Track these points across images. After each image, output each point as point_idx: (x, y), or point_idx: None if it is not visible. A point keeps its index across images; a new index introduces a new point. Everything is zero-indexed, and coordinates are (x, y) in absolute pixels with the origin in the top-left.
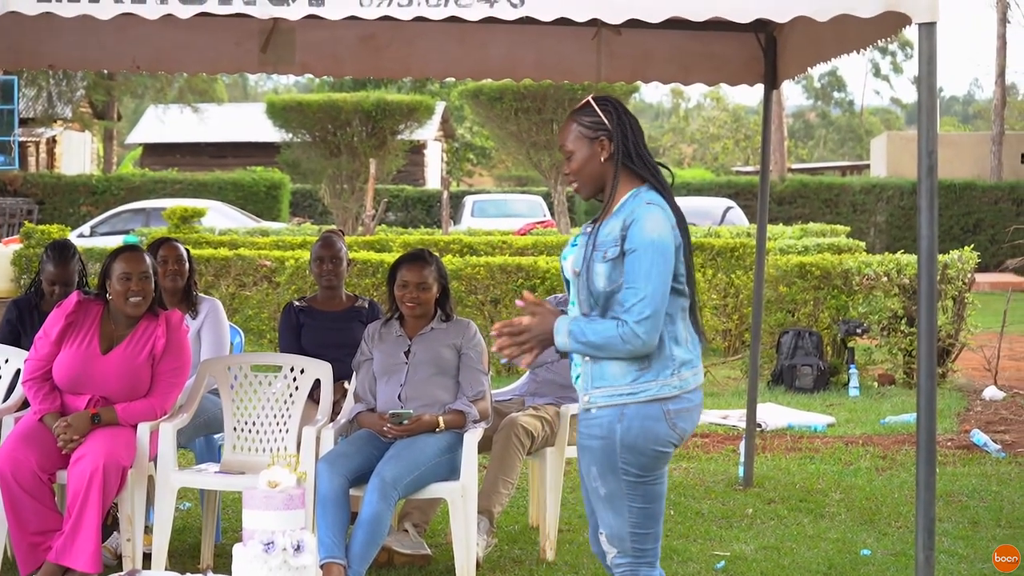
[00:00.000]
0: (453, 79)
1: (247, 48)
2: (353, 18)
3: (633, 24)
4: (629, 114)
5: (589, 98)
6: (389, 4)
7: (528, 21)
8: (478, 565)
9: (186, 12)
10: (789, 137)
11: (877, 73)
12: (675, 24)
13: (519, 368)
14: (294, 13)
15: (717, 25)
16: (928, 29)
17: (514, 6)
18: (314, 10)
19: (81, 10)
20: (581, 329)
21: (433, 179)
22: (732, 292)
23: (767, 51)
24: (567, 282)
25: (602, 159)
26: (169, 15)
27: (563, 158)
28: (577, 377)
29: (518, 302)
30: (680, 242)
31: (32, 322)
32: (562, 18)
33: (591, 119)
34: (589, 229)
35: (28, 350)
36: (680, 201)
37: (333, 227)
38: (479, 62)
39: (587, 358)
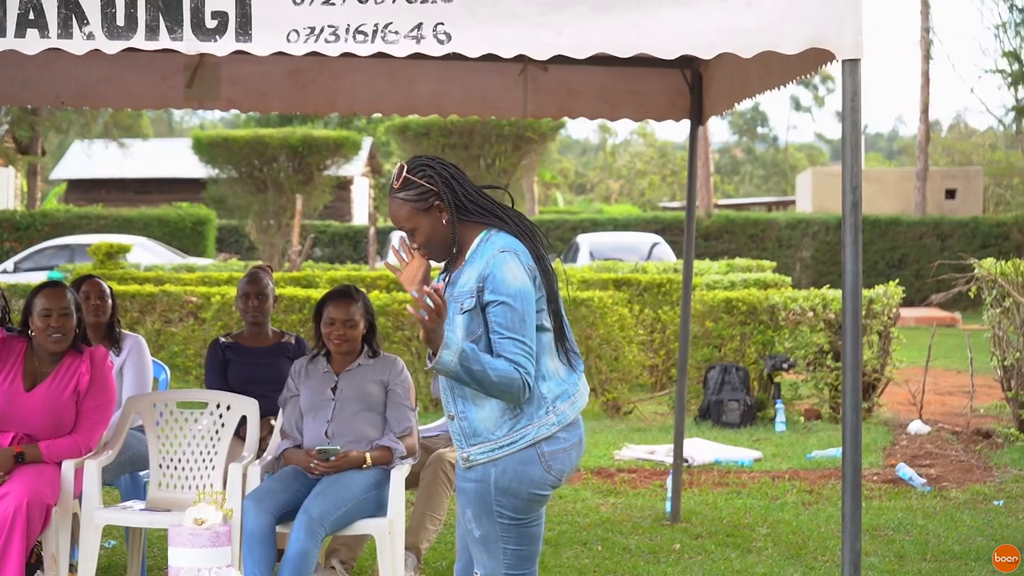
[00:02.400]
0: (380, 115)
1: (172, 83)
2: (280, 53)
3: (560, 60)
4: (447, 166)
5: (405, 173)
6: (316, 40)
7: (455, 57)
8: None
9: (113, 48)
10: (715, 172)
11: (798, 107)
12: (601, 60)
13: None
14: (221, 49)
15: (643, 61)
16: (852, 66)
17: (440, 42)
18: (241, 46)
19: (7, 45)
20: (478, 356)
21: (360, 215)
22: (659, 327)
23: (693, 87)
24: None
25: (444, 222)
26: (95, 50)
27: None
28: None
29: (426, 287)
30: (536, 275)
31: None
32: (489, 54)
33: (417, 191)
34: (445, 278)
35: None
36: (607, 236)
37: (260, 263)
38: (407, 98)
39: (457, 419)
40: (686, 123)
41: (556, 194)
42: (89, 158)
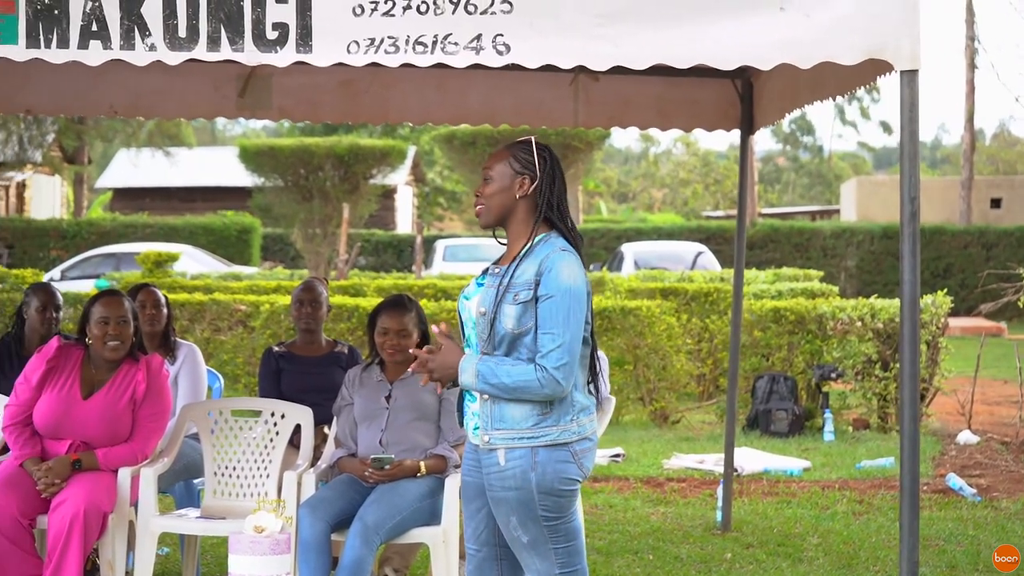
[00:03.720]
0: (431, 124)
1: (224, 93)
2: (335, 64)
3: (611, 71)
4: (560, 168)
5: (532, 138)
6: (376, 51)
7: (509, 68)
8: None
9: (175, 59)
10: (759, 181)
11: (844, 117)
12: (653, 71)
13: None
14: (282, 60)
15: (695, 71)
16: (910, 77)
17: (500, 53)
18: (301, 57)
19: (70, 56)
20: (492, 370)
21: (403, 223)
22: (706, 337)
23: (744, 97)
24: (462, 323)
25: (516, 195)
26: (157, 61)
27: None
28: (473, 415)
29: (433, 328)
30: (590, 290)
31: (11, 366)
32: (543, 64)
33: (525, 156)
34: (497, 270)
35: (6, 395)
36: (651, 245)
37: (314, 275)
38: (458, 108)
39: (486, 398)
40: (727, 132)
41: (599, 203)
42: (134, 167)
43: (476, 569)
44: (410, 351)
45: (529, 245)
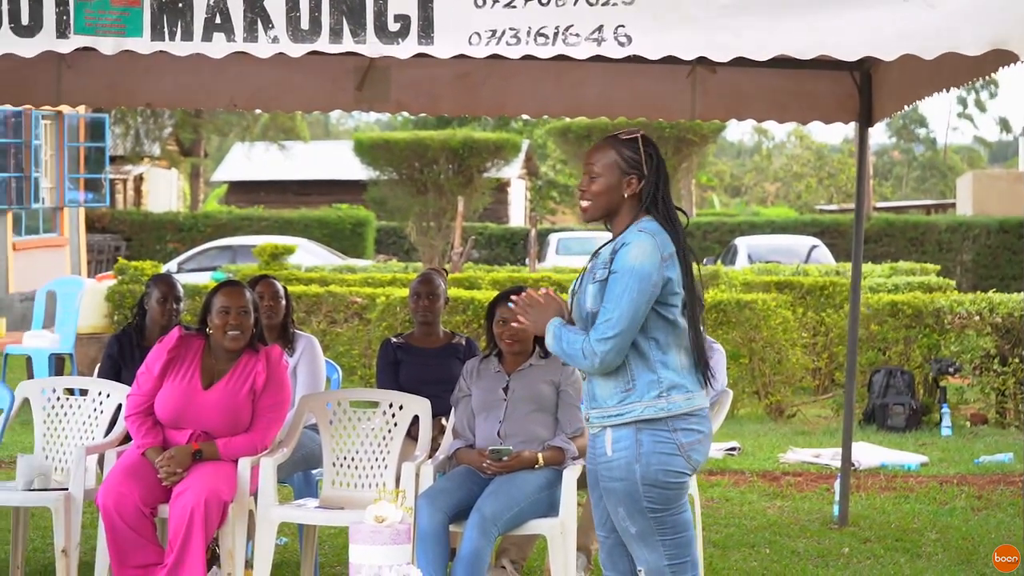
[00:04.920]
0: (543, 117)
1: (342, 86)
2: (454, 56)
3: (729, 63)
4: (663, 163)
5: (639, 134)
6: (498, 43)
7: (630, 59)
8: None
9: (297, 51)
10: (872, 175)
11: (963, 112)
12: (771, 63)
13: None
14: (404, 52)
15: (813, 63)
16: None
17: (622, 45)
18: (423, 49)
19: (194, 49)
20: (560, 334)
21: (516, 217)
22: (822, 330)
23: (862, 89)
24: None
25: (624, 194)
26: (280, 54)
27: (585, 173)
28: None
29: (542, 289)
30: (672, 275)
31: (133, 357)
32: (665, 57)
33: (632, 155)
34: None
35: (129, 384)
36: (765, 239)
37: (435, 267)
38: (574, 100)
39: (586, 378)
40: (841, 125)
41: (712, 197)
42: (249, 160)
43: (607, 556)
44: (515, 298)
45: (623, 231)
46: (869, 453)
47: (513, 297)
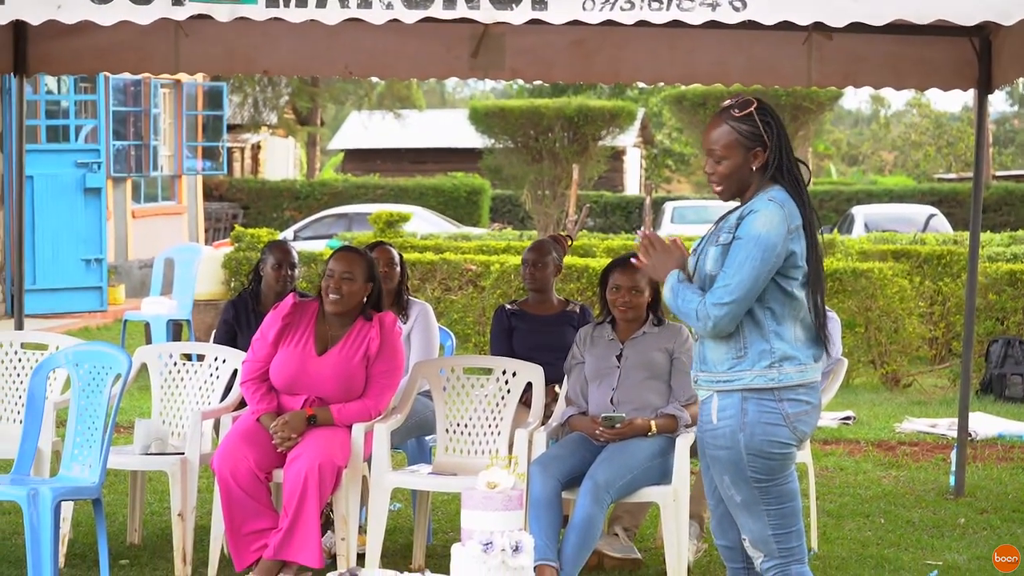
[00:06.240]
0: (658, 84)
1: (457, 54)
2: (567, 23)
3: (845, 29)
4: (782, 125)
5: (752, 107)
6: (612, 8)
7: (745, 25)
8: (689, 570)
9: (411, 17)
10: (992, 144)
11: None
12: (888, 28)
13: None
14: (517, 17)
15: (931, 29)
16: None
17: (736, 9)
18: (537, 14)
19: (309, 15)
20: (678, 288)
21: (631, 185)
22: (939, 300)
23: (981, 55)
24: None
25: (753, 167)
26: (394, 20)
27: (707, 155)
28: None
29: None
30: (796, 248)
31: (248, 322)
32: (781, 22)
33: (751, 128)
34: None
35: (244, 350)
36: (882, 208)
37: (555, 234)
38: (689, 67)
39: (698, 340)
40: (960, 93)
41: (829, 165)
42: (365, 128)
43: (717, 525)
44: (644, 232)
45: (751, 197)
46: (986, 423)
47: (640, 230)
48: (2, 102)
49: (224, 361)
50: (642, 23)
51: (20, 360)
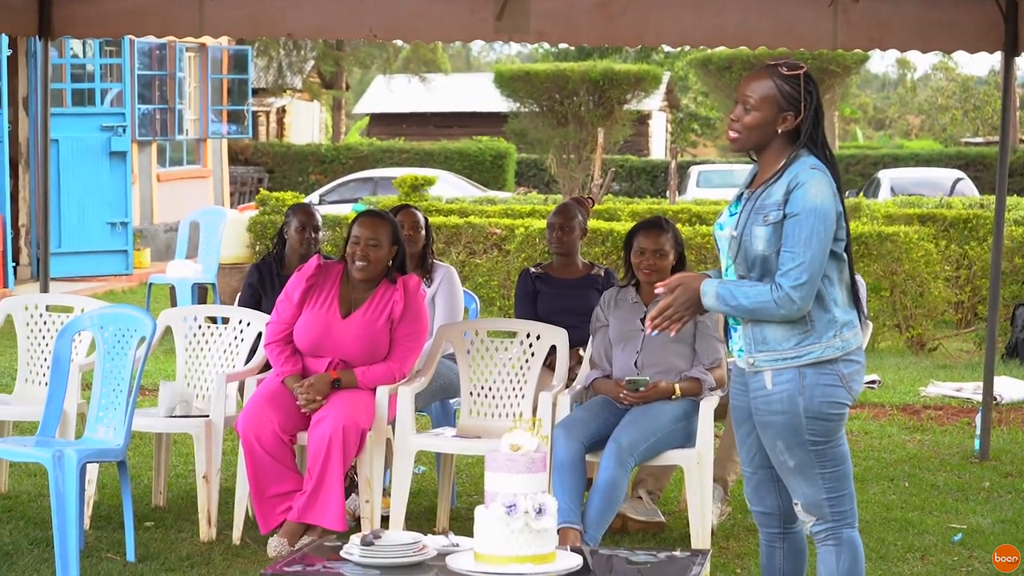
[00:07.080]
0: (683, 47)
1: (481, 16)
2: None
3: None
4: (821, 100)
5: (802, 71)
6: None
7: None
8: (712, 533)
9: None
10: (1019, 107)
11: None
12: None
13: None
14: None
15: None
16: None
17: None
18: None
19: None
20: (731, 292)
21: (657, 149)
22: (965, 264)
23: (1008, 18)
24: (720, 252)
25: (778, 130)
26: None
27: (738, 101)
28: (737, 338)
29: (657, 288)
30: (841, 210)
31: (273, 285)
32: None
33: (792, 91)
34: (748, 193)
35: (269, 313)
36: (908, 172)
37: (580, 196)
38: (713, 30)
39: (748, 322)
40: (987, 56)
41: (855, 129)
42: (391, 92)
43: (753, 492)
44: (656, 286)
45: (782, 168)
46: (1011, 387)
47: (658, 289)
48: (28, 65)
49: (248, 324)
50: None
51: (45, 323)
